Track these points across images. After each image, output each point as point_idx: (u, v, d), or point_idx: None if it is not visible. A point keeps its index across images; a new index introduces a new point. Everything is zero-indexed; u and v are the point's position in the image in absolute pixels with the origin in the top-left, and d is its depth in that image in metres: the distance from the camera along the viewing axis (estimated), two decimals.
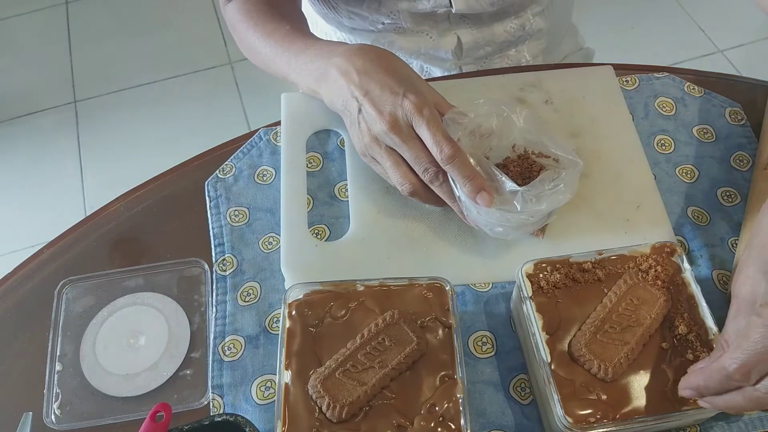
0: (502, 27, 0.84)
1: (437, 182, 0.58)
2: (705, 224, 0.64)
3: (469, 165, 0.56)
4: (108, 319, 0.62)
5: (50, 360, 0.60)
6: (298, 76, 0.69)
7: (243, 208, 0.68)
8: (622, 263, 0.56)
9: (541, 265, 0.55)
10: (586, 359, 0.51)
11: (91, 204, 1.76)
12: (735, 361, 0.43)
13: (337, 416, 0.49)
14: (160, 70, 2.03)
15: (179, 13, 2.17)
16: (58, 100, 1.99)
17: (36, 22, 2.19)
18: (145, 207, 0.70)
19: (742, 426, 0.54)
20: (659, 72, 0.76)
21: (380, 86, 0.59)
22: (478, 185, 0.56)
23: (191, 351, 0.60)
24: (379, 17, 0.81)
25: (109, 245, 0.68)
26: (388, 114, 0.58)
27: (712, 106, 0.73)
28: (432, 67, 0.89)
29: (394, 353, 0.52)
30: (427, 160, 0.57)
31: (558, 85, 0.74)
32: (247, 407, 0.56)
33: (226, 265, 0.64)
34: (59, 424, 0.57)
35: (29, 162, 1.87)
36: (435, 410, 0.50)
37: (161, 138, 1.88)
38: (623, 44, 1.97)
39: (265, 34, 0.72)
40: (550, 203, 0.57)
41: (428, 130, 0.57)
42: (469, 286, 0.62)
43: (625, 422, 0.49)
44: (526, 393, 0.56)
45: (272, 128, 0.74)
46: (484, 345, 0.59)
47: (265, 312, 0.61)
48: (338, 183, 0.69)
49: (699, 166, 0.68)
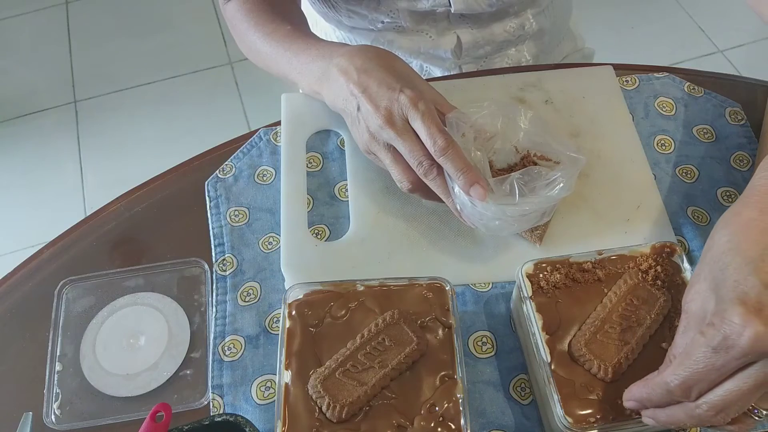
0: (502, 27, 0.84)
1: (431, 175, 0.58)
2: (705, 224, 0.64)
3: (462, 158, 0.56)
4: (108, 319, 0.62)
5: (50, 360, 0.60)
6: (300, 76, 0.69)
7: (243, 208, 0.68)
8: (622, 263, 0.56)
9: (541, 265, 0.55)
10: (586, 359, 0.51)
11: (91, 204, 1.76)
12: (676, 377, 0.43)
13: (337, 416, 0.49)
14: (160, 70, 2.03)
15: (179, 13, 2.17)
16: (58, 100, 1.99)
17: (36, 22, 2.19)
18: (145, 207, 0.70)
19: None
20: (659, 72, 0.76)
21: (378, 83, 0.59)
22: (471, 178, 0.56)
23: (191, 351, 0.60)
24: (379, 16, 0.81)
25: (109, 245, 0.68)
26: (384, 108, 0.58)
27: (712, 106, 0.73)
28: (432, 67, 0.89)
29: (394, 353, 0.52)
30: (421, 153, 0.57)
31: (558, 85, 0.74)
32: (247, 407, 0.56)
33: (226, 265, 0.64)
34: (59, 424, 0.57)
35: (29, 162, 1.87)
36: (435, 410, 0.50)
37: (161, 138, 1.88)
38: (623, 44, 1.97)
39: (266, 33, 0.72)
40: (546, 197, 0.57)
41: (423, 123, 0.57)
42: (469, 286, 0.62)
43: (625, 422, 0.49)
44: (526, 393, 0.56)
45: (272, 128, 0.74)
46: (484, 345, 0.59)
47: (265, 312, 0.61)
48: (338, 183, 0.69)
49: (699, 166, 0.68)
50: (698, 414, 0.43)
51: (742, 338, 0.40)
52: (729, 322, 0.40)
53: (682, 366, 0.43)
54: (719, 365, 0.41)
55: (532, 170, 0.58)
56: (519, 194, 0.57)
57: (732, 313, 0.40)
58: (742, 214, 0.45)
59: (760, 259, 0.42)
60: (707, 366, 0.41)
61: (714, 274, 0.44)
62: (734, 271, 0.42)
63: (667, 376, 0.43)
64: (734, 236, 0.44)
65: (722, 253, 0.44)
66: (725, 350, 0.40)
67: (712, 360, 0.41)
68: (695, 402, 0.43)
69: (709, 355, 0.41)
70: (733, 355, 0.40)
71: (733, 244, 0.44)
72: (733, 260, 0.43)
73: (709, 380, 0.42)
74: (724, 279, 0.43)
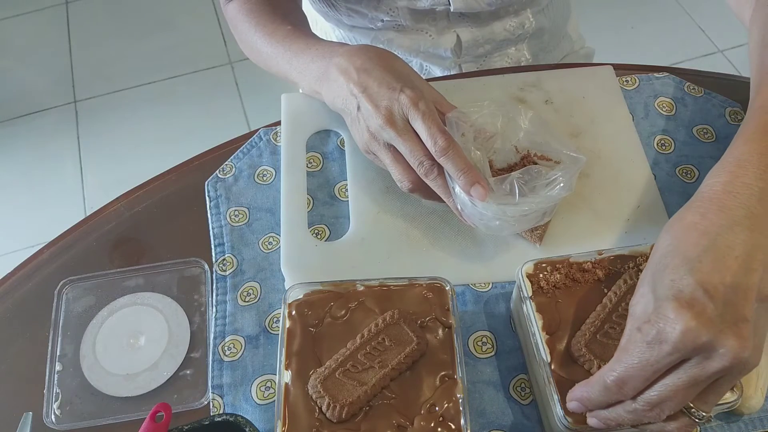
0: (502, 25, 0.84)
1: (432, 175, 0.58)
2: None
3: (463, 158, 0.56)
4: (108, 319, 0.62)
5: (50, 360, 0.60)
6: (300, 76, 0.69)
7: (243, 208, 0.68)
8: (622, 263, 0.56)
9: (541, 265, 0.55)
10: (586, 359, 0.51)
11: (91, 204, 1.76)
12: (612, 373, 0.44)
13: (337, 416, 0.49)
14: (160, 70, 2.03)
15: (179, 13, 2.17)
16: (58, 100, 1.99)
17: (36, 22, 2.19)
18: (145, 207, 0.70)
19: (741, 426, 0.54)
20: (659, 72, 0.76)
21: (378, 83, 0.60)
22: (472, 178, 0.56)
23: (191, 351, 0.60)
24: (379, 15, 0.81)
25: (109, 245, 0.68)
26: (384, 108, 0.58)
27: (712, 106, 0.73)
28: (431, 66, 0.89)
29: (394, 353, 0.52)
30: (422, 153, 0.57)
31: (558, 85, 0.74)
32: (247, 407, 0.56)
33: (226, 265, 0.64)
34: (59, 424, 0.57)
35: (29, 162, 1.87)
36: (435, 410, 0.50)
37: (161, 138, 1.88)
38: (623, 44, 1.97)
39: (267, 33, 0.72)
40: (546, 197, 0.57)
41: (423, 123, 0.57)
42: (469, 286, 0.62)
43: None
44: (526, 393, 0.56)
45: (272, 128, 0.74)
46: (484, 345, 0.59)
47: (265, 312, 0.61)
48: (338, 183, 0.69)
49: (699, 166, 0.68)
50: (635, 409, 0.44)
51: (674, 332, 0.41)
52: (663, 317, 0.41)
53: (618, 362, 0.44)
54: (653, 360, 0.42)
55: (532, 169, 0.58)
56: (519, 194, 0.57)
57: (666, 308, 0.42)
58: (685, 219, 0.46)
59: (698, 259, 0.43)
60: (641, 361, 0.42)
61: (654, 276, 0.45)
62: (672, 271, 0.43)
63: (604, 373, 0.44)
64: (675, 239, 0.45)
65: (663, 255, 0.45)
66: (658, 344, 0.41)
67: (646, 355, 0.42)
68: (634, 399, 0.44)
69: (643, 350, 0.42)
70: (666, 350, 0.41)
71: (673, 246, 0.45)
72: (672, 261, 0.44)
73: (643, 377, 0.43)
74: (662, 279, 0.44)
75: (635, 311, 0.45)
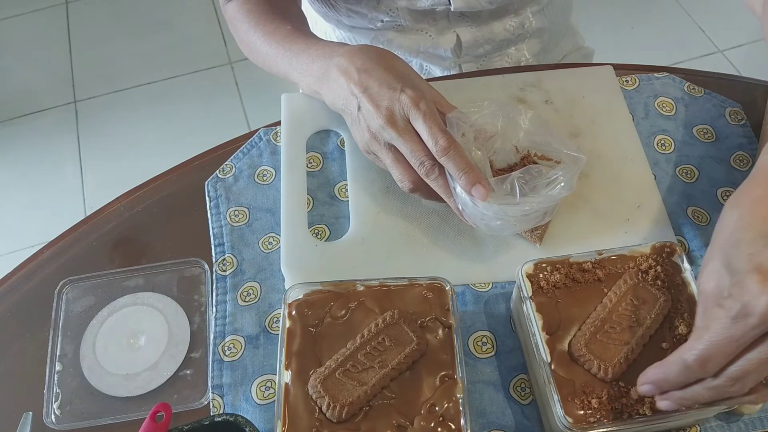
0: (502, 25, 0.84)
1: (433, 175, 0.58)
2: (705, 224, 0.64)
3: (464, 158, 0.56)
4: (108, 319, 0.62)
5: (50, 360, 0.60)
6: (300, 76, 0.69)
7: (243, 208, 0.68)
8: (622, 263, 0.56)
9: (541, 265, 0.55)
10: (586, 359, 0.51)
11: (91, 204, 1.76)
12: (694, 352, 0.43)
13: (337, 416, 0.49)
14: (160, 70, 2.03)
15: (179, 13, 2.17)
16: (58, 100, 1.99)
17: (36, 22, 2.19)
18: (145, 207, 0.70)
19: (741, 426, 0.54)
20: (659, 72, 0.76)
21: (379, 83, 0.60)
22: (473, 178, 0.56)
23: (191, 351, 0.60)
24: (378, 15, 0.81)
25: (109, 245, 0.68)
26: (385, 108, 0.58)
27: (712, 106, 0.73)
28: (431, 66, 0.89)
29: (394, 353, 0.52)
30: (423, 153, 0.57)
31: (558, 85, 0.74)
32: (247, 407, 0.56)
33: (226, 265, 0.64)
34: (59, 424, 0.57)
35: (29, 162, 1.87)
36: (435, 410, 0.50)
37: (161, 138, 1.88)
38: (623, 44, 1.97)
39: (266, 33, 0.72)
40: (547, 196, 0.57)
41: (424, 123, 0.57)
42: (469, 286, 0.62)
43: (625, 422, 0.49)
44: (526, 393, 0.56)
45: (272, 128, 0.74)
46: (484, 345, 0.59)
47: (265, 312, 0.61)
48: (338, 183, 0.69)
49: (699, 166, 0.68)
50: (717, 385, 0.43)
51: (760, 304, 0.40)
52: (747, 291, 0.41)
53: (699, 340, 0.43)
54: (738, 335, 0.41)
55: (533, 169, 0.58)
56: (520, 193, 0.57)
57: (750, 281, 0.41)
58: (751, 193, 0.46)
59: None
60: (726, 337, 0.41)
61: (726, 251, 0.44)
62: (747, 245, 0.43)
63: (684, 352, 0.43)
64: (744, 213, 0.45)
65: (733, 230, 0.45)
66: (744, 318, 0.41)
67: (731, 331, 0.41)
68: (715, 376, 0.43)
69: (727, 326, 0.41)
70: (752, 323, 0.40)
71: (743, 221, 0.45)
72: (745, 235, 0.44)
73: (726, 353, 0.42)
74: (738, 254, 0.43)
75: (707, 288, 0.45)
